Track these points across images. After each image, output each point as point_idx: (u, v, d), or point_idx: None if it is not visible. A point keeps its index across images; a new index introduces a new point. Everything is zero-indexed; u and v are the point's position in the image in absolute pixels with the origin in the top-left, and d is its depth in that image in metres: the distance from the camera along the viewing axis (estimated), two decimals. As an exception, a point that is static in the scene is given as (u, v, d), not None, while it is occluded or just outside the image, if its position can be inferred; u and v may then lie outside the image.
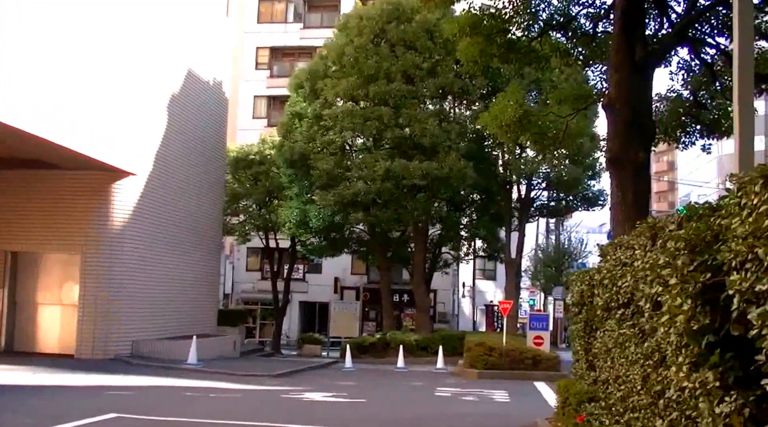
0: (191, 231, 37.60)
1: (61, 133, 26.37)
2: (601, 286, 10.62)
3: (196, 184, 38.07)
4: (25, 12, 24.22)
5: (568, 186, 43.57)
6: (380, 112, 39.19)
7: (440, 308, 62.72)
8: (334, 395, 22.85)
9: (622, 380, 8.98)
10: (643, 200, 13.82)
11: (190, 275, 37.42)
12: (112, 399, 20.03)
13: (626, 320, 8.87)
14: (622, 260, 9.20)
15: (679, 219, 6.24)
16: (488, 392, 25.37)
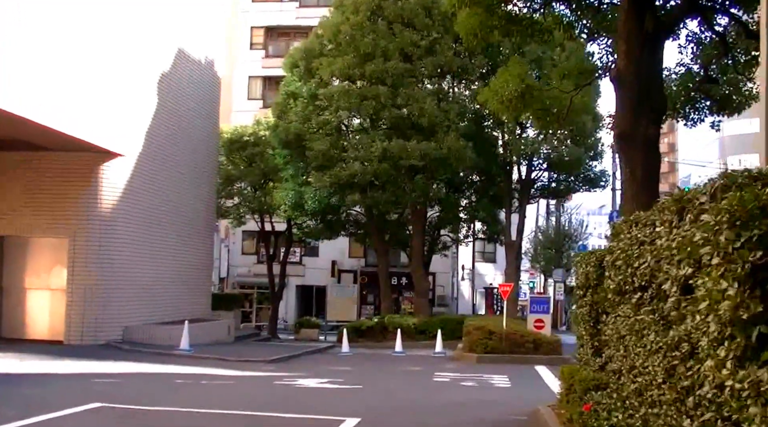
0: (183, 214, 36.80)
1: (47, 113, 25.56)
2: (613, 267, 9.79)
3: (187, 165, 37.22)
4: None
5: (570, 167, 42.72)
6: (377, 91, 38.31)
7: (439, 292, 62.27)
8: (329, 381, 22.08)
9: (639, 372, 8.15)
10: (653, 177, 13.02)
11: (182, 258, 36.64)
12: (98, 387, 19.30)
13: (644, 305, 8.05)
14: (639, 239, 8.38)
15: (712, 189, 5.42)
16: (488, 376, 24.66)
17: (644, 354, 7.69)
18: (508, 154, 42.30)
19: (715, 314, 4.58)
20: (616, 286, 9.48)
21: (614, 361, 10.32)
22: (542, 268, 74.06)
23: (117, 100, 30.02)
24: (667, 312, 6.88)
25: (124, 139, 30.69)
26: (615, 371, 10.36)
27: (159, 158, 33.97)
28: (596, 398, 11.71)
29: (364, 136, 39.84)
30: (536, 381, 24.17)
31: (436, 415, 16.08)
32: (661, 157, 13.26)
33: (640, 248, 8.18)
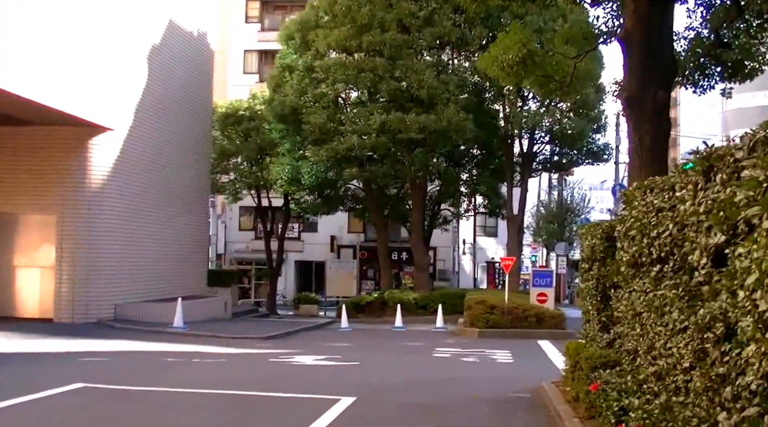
0: (176, 189, 36.07)
1: (32, 86, 24.84)
2: (626, 238, 9.01)
3: (180, 140, 36.45)
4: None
5: (572, 139, 41.87)
6: (374, 63, 37.44)
7: (440, 266, 61.74)
8: (326, 358, 21.39)
9: (659, 353, 7.33)
10: (662, 144, 12.25)
11: (176, 234, 35.94)
12: (84, 367, 18.58)
13: (665, 279, 7.28)
14: (656, 206, 7.62)
15: (751, 142, 4.62)
16: (490, 352, 23.99)
17: (666, 334, 6.86)
18: (510, 127, 41.42)
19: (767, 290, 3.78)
20: (631, 258, 8.70)
21: (628, 340, 9.54)
22: (544, 242, 74.01)
23: (105, 73, 29.25)
24: (694, 287, 6.08)
25: (112, 113, 29.93)
26: (629, 351, 9.59)
27: (150, 132, 33.20)
28: (605, 378, 10.99)
29: (362, 109, 38.99)
30: (539, 356, 23.56)
31: (435, 392, 15.39)
32: (671, 123, 12.45)
33: (658, 215, 7.41)
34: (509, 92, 40.46)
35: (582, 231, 14.65)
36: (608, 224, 13.59)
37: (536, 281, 33.25)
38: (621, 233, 9.40)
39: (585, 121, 40.70)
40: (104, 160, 30.01)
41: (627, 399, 9.22)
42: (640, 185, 8.68)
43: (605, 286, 13.54)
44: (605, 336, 13.50)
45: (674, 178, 6.97)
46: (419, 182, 41.95)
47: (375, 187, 43.02)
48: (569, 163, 46.65)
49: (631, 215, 8.69)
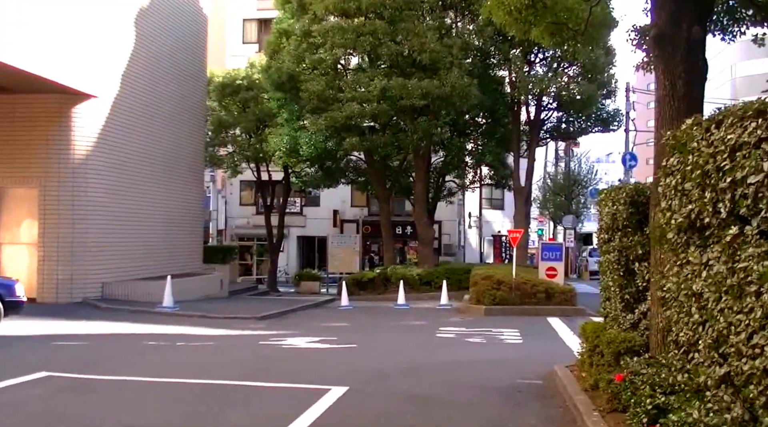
0: (168, 161, 34.51)
1: (9, 51, 23.29)
2: (676, 195, 7.17)
3: (172, 109, 34.90)
4: None
5: (581, 105, 40.08)
6: (374, 26, 35.69)
7: (445, 240, 60.12)
8: (321, 340, 19.88)
9: (737, 350, 5.59)
10: (698, 90, 10.55)
11: (169, 209, 34.41)
12: (56, 352, 17.17)
13: (748, 246, 5.54)
14: (733, 143, 5.87)
15: None
16: (497, 331, 22.54)
17: (750, 324, 5.14)
18: (516, 93, 39.69)
19: None
20: (684, 220, 6.87)
21: (677, 327, 7.74)
22: (551, 215, 73.13)
23: (87, 37, 27.72)
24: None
25: (96, 79, 28.37)
26: (678, 343, 7.85)
27: (138, 100, 31.60)
28: (633, 367, 9.38)
29: (362, 75, 37.26)
30: (550, 335, 22.14)
31: (437, 380, 13.84)
32: (707, 65, 10.76)
33: (736, 155, 5.64)
34: (515, 57, 38.81)
35: (601, 197, 13.04)
36: (633, 187, 11.99)
37: (545, 255, 31.61)
38: (667, 188, 7.59)
39: (594, 85, 38.92)
40: (88, 130, 28.47)
41: (664, 397, 7.63)
42: (699, 120, 6.94)
43: (628, 259, 11.96)
44: (629, 316, 11.91)
45: (760, 105, 5.24)
46: (422, 152, 40.35)
47: (377, 158, 41.34)
48: (578, 130, 44.89)
49: (687, 163, 6.88)
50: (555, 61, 39.82)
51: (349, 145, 37.39)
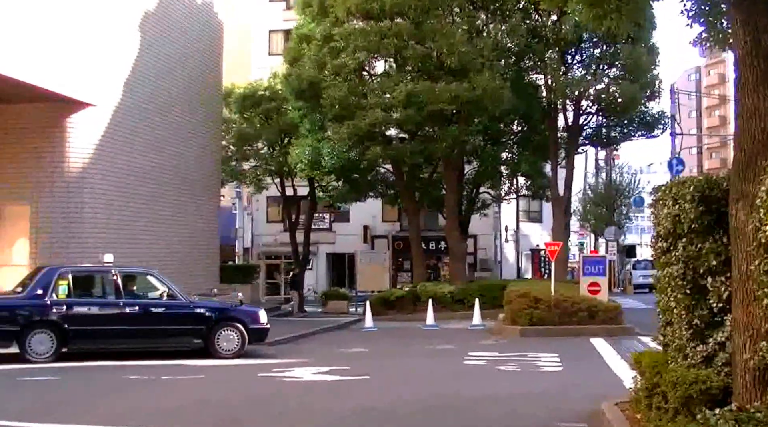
0: (178, 176, 32.22)
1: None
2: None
3: (182, 119, 32.59)
4: None
5: (623, 108, 37.41)
6: (399, 27, 33.44)
7: (481, 255, 58.10)
8: (331, 370, 17.37)
9: None
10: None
11: (178, 227, 32.04)
12: (14, 391, 14.94)
13: None
14: None
15: None
16: (533, 356, 19.95)
17: None
18: (552, 97, 37.12)
19: None
20: None
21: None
22: (592, 227, 70.65)
23: (83, 40, 25.45)
24: None
25: (94, 86, 26.07)
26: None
27: (143, 110, 29.31)
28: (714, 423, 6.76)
29: (386, 80, 35.04)
30: (594, 360, 19.49)
31: (455, 423, 11.31)
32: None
33: None
34: (551, 59, 36.26)
35: (658, 195, 10.40)
36: (703, 179, 9.40)
37: (587, 269, 28.88)
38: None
39: (636, 86, 36.23)
40: (85, 142, 26.19)
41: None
42: None
43: (697, 272, 9.33)
44: (700, 347, 9.25)
45: None
46: (453, 162, 37.96)
47: (405, 169, 39.15)
48: (620, 136, 42.15)
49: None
50: (594, 62, 37.26)
51: (372, 154, 35.06)
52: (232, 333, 20.28)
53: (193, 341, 20.44)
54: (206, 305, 21.29)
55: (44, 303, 19.14)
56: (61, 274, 19.67)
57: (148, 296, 20.84)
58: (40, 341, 18.80)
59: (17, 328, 18.85)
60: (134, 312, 19.91)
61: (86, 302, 19.95)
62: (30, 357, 18.60)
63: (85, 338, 19.55)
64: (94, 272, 21.03)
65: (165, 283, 20.81)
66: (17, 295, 19.72)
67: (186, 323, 20.39)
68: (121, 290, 20.07)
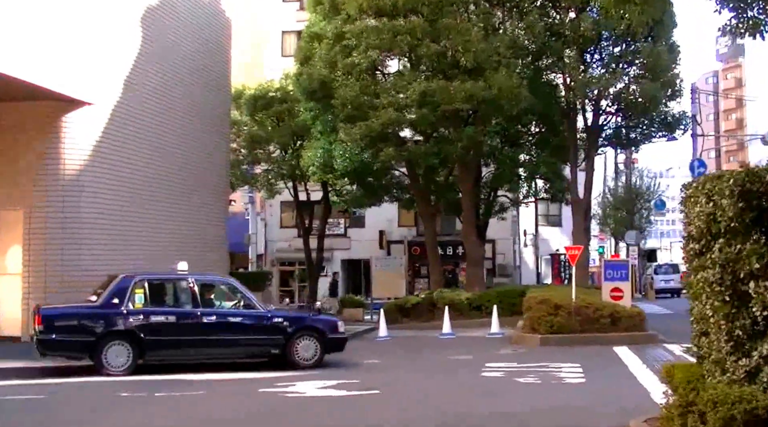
0: (183, 178, 31.21)
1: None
2: None
3: (187, 120, 31.61)
4: None
5: (644, 108, 36.23)
6: (412, 24, 32.32)
7: (500, 260, 56.98)
8: (338, 384, 16.29)
9: None
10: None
11: (183, 232, 31.02)
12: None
13: None
14: None
15: None
16: (554, 366, 18.82)
17: None
18: (571, 97, 35.99)
19: None
20: None
21: None
22: (612, 231, 70.07)
23: (81, 37, 24.43)
24: None
25: (91, 84, 25.03)
26: None
27: (144, 109, 28.29)
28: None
29: (399, 79, 33.95)
30: (618, 370, 18.38)
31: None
32: None
33: None
34: (570, 57, 35.15)
35: (690, 191, 9.31)
36: (743, 172, 8.30)
37: (608, 274, 27.72)
38: None
39: (657, 85, 35.07)
40: (82, 142, 25.15)
41: None
42: None
43: (737, 276, 8.23)
44: (742, 361, 8.13)
45: None
46: (469, 164, 36.84)
47: (420, 172, 38.06)
48: (640, 137, 40.87)
49: None
50: (613, 60, 36.05)
51: (385, 156, 34.00)
52: (310, 343, 19.80)
53: (271, 351, 19.80)
54: (284, 315, 20.89)
55: (120, 312, 18.46)
56: (137, 282, 19.01)
57: (225, 304, 20.33)
58: (117, 353, 18.13)
59: (92, 338, 18.14)
60: (212, 322, 19.31)
61: (163, 311, 19.25)
62: (106, 370, 17.94)
63: (162, 349, 18.94)
64: (170, 280, 20.51)
65: (241, 291, 20.28)
66: (91, 304, 18.95)
67: (264, 332, 19.75)
68: (198, 298, 19.48)
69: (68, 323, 18.39)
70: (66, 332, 18.24)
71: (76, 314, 18.75)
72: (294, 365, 19.36)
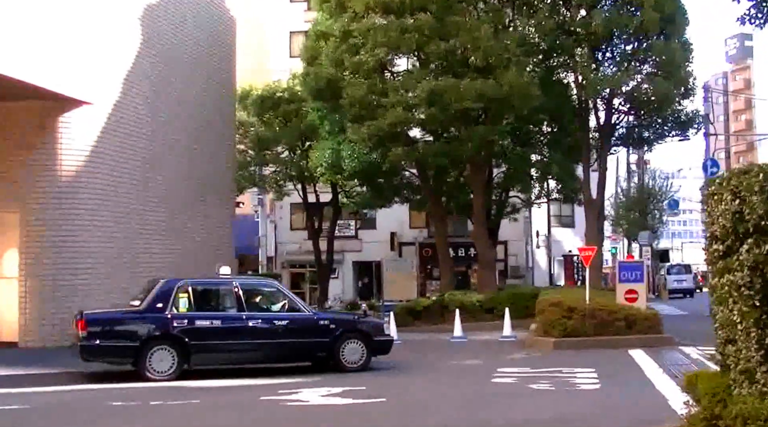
0: (187, 179, 30.81)
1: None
2: None
3: (190, 120, 31.24)
4: None
5: (657, 107, 35.59)
6: (419, 21, 31.70)
7: (512, 262, 56.65)
8: (344, 391, 15.58)
9: None
10: None
11: (186, 236, 30.59)
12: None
13: None
14: None
15: None
16: (568, 371, 18.16)
17: None
18: (584, 95, 35.30)
19: None
20: None
21: None
22: (625, 232, 70.02)
23: (79, 33, 24.01)
24: None
25: (89, 83, 24.55)
26: None
27: (145, 109, 27.80)
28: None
29: (408, 78, 33.37)
30: (634, 375, 17.67)
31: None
32: None
33: None
34: (582, 55, 34.45)
35: (713, 188, 8.65)
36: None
37: (623, 276, 26.91)
38: None
39: (670, 83, 34.34)
40: (79, 142, 24.68)
41: None
42: None
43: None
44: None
45: None
46: (480, 164, 36.19)
47: (432, 173, 37.64)
48: (653, 136, 40.05)
49: None
50: (625, 58, 35.34)
51: (393, 156, 33.41)
52: (356, 345, 19.46)
53: (318, 354, 19.50)
54: (330, 317, 20.50)
55: (165, 317, 17.95)
56: (181, 286, 18.52)
57: (270, 308, 19.79)
58: (161, 358, 17.64)
59: (137, 343, 17.64)
60: (258, 326, 18.80)
61: (208, 315, 18.77)
62: (150, 375, 17.45)
63: (207, 354, 18.47)
64: (214, 284, 20.08)
65: (286, 293, 20.03)
66: (135, 308, 18.43)
67: (311, 336, 19.30)
68: (243, 302, 18.94)
69: (112, 328, 17.98)
70: (110, 337, 17.81)
71: (121, 318, 18.39)
72: (340, 368, 19.08)
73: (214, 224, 33.17)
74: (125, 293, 25.99)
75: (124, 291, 25.97)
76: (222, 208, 34.53)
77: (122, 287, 25.95)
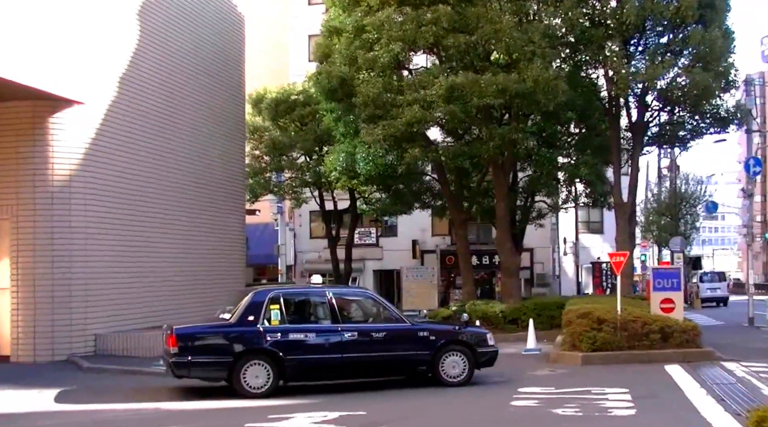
0: (192, 183, 29.25)
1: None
2: None
3: (195, 122, 29.63)
4: None
5: (695, 100, 33.04)
6: (437, 12, 29.70)
7: (538, 269, 54.65)
8: (341, 417, 13.70)
9: None
10: None
11: (192, 242, 28.93)
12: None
13: None
14: None
15: None
16: (598, 392, 16.18)
17: None
18: (615, 90, 32.77)
19: None
20: None
21: None
22: (655, 238, 68.63)
23: (72, 30, 22.47)
24: None
25: (82, 82, 22.93)
26: None
27: (144, 110, 26.15)
28: None
29: (425, 74, 31.50)
30: (674, 397, 15.67)
31: None
32: None
33: None
34: (612, 50, 32.24)
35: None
36: None
37: (658, 283, 24.64)
38: None
39: (710, 75, 31.85)
40: (72, 144, 22.99)
41: None
42: None
43: None
44: None
45: None
46: (503, 165, 34.11)
47: (451, 177, 35.89)
48: (690, 133, 37.52)
49: None
50: (659, 50, 33.07)
51: (410, 157, 31.45)
52: (458, 358, 18.42)
53: (418, 368, 18.43)
54: (430, 328, 19.21)
55: (257, 330, 17.03)
56: (272, 298, 17.51)
57: (366, 319, 18.84)
58: (256, 373, 16.75)
59: (230, 358, 16.74)
60: (354, 338, 17.79)
61: (302, 327, 17.73)
62: (246, 391, 16.59)
63: (301, 369, 17.46)
64: (306, 294, 19.22)
65: (382, 303, 19.02)
66: (226, 321, 17.35)
67: (410, 348, 18.26)
68: (337, 313, 17.96)
69: (204, 343, 17.05)
70: (202, 352, 16.87)
71: (213, 332, 17.38)
72: (441, 383, 18.08)
73: (223, 230, 31.66)
74: (125, 303, 24.53)
75: (124, 300, 24.48)
76: (233, 213, 33.10)
77: (122, 296, 24.58)
